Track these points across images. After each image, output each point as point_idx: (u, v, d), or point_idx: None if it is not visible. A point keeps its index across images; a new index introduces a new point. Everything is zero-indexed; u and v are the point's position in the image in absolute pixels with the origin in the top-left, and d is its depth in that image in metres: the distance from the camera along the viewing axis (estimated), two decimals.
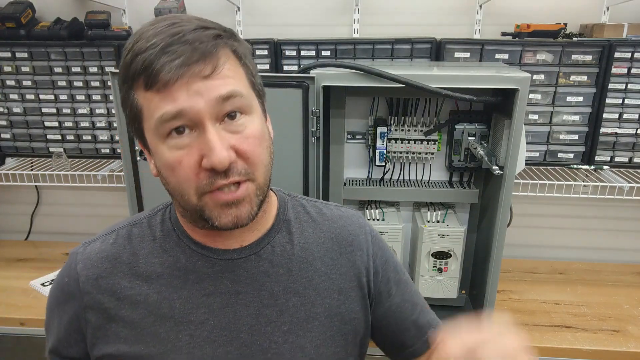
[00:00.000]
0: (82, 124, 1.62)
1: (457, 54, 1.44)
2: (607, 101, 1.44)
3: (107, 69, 1.55)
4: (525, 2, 1.56)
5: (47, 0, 1.64)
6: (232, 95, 0.57)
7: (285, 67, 1.51)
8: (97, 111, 1.61)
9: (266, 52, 1.50)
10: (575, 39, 1.44)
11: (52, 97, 1.61)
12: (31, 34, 1.56)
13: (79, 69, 1.57)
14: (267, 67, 1.51)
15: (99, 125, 1.62)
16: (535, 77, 1.43)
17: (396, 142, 1.26)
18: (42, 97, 1.61)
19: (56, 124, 1.63)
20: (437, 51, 1.47)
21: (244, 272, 0.68)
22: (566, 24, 1.49)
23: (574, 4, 1.55)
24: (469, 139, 1.22)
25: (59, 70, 1.58)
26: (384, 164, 1.27)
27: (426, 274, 1.26)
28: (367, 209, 1.31)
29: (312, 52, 1.49)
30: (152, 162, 0.64)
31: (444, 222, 1.26)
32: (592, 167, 1.50)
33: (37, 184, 1.87)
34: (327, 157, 1.28)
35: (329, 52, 1.49)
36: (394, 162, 1.31)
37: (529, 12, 1.57)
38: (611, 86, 1.42)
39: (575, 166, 1.51)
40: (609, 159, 1.50)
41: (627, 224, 1.76)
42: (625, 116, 1.46)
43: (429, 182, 1.31)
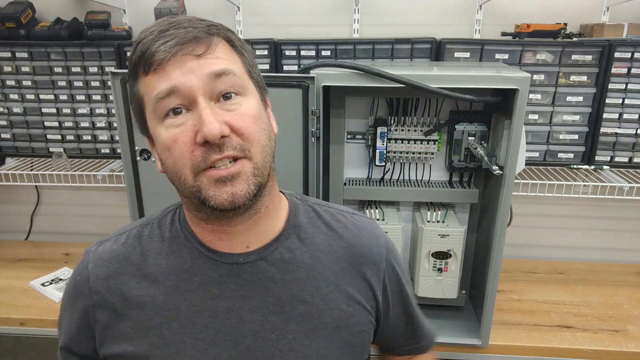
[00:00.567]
0: (82, 124, 1.62)
1: (457, 54, 1.44)
2: (607, 101, 1.44)
3: (107, 69, 1.55)
4: (525, 2, 1.56)
5: (47, 0, 1.64)
6: (224, 72, 0.58)
7: (285, 67, 1.51)
8: (97, 111, 1.61)
9: (266, 52, 1.50)
10: (575, 39, 1.44)
11: (52, 97, 1.61)
12: (31, 34, 1.56)
13: (79, 69, 1.57)
14: (267, 67, 1.51)
15: (99, 125, 1.62)
16: (535, 77, 1.43)
17: (396, 142, 1.26)
18: (42, 97, 1.61)
19: (56, 124, 1.63)
20: (437, 51, 1.47)
21: (250, 277, 0.66)
22: (566, 24, 1.49)
23: (574, 4, 1.55)
24: (469, 139, 1.22)
25: (59, 70, 1.58)
26: (384, 164, 1.27)
27: (426, 274, 1.26)
28: (367, 209, 1.31)
29: (312, 52, 1.49)
30: (157, 155, 0.65)
31: (444, 222, 1.26)
32: (592, 167, 1.50)
33: (37, 184, 1.87)
34: (327, 157, 1.28)
35: (329, 52, 1.49)
36: (394, 162, 1.31)
37: (529, 12, 1.57)
38: (611, 86, 1.42)
39: (575, 166, 1.51)
40: (609, 159, 1.50)
41: (627, 224, 1.75)
42: (625, 116, 1.46)
43: (429, 182, 1.31)
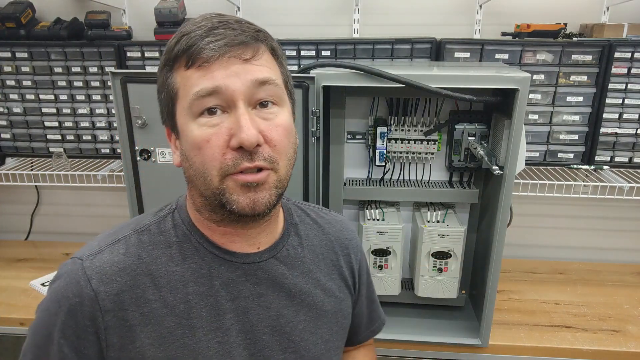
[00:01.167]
0: (82, 124, 1.62)
1: (457, 54, 1.44)
2: (607, 101, 1.44)
3: (107, 69, 1.55)
4: (525, 2, 1.56)
5: (47, 0, 1.65)
6: (267, 81, 0.59)
7: None
8: (97, 111, 1.61)
9: None
10: (575, 39, 1.44)
11: (52, 97, 1.61)
12: (31, 34, 1.56)
13: (79, 69, 1.57)
14: None
15: (99, 125, 1.62)
16: (535, 77, 1.43)
17: (396, 142, 1.26)
18: (42, 97, 1.61)
19: (56, 124, 1.63)
20: (437, 51, 1.47)
21: (265, 274, 0.69)
22: (566, 24, 1.49)
23: (574, 4, 1.55)
24: (469, 139, 1.22)
25: (59, 70, 1.58)
26: (384, 164, 1.27)
27: (426, 274, 1.26)
28: (367, 209, 1.31)
29: (312, 52, 1.49)
30: (178, 150, 0.64)
31: (444, 222, 1.26)
32: (592, 167, 1.50)
33: (37, 184, 1.87)
34: (327, 157, 1.28)
35: (329, 52, 1.49)
36: (394, 162, 1.31)
37: (529, 12, 1.57)
38: (611, 86, 1.42)
39: (575, 166, 1.51)
40: (609, 159, 1.50)
41: (627, 224, 1.76)
42: (625, 116, 1.46)
43: (429, 182, 1.31)
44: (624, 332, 1.32)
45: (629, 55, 1.40)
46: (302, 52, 1.50)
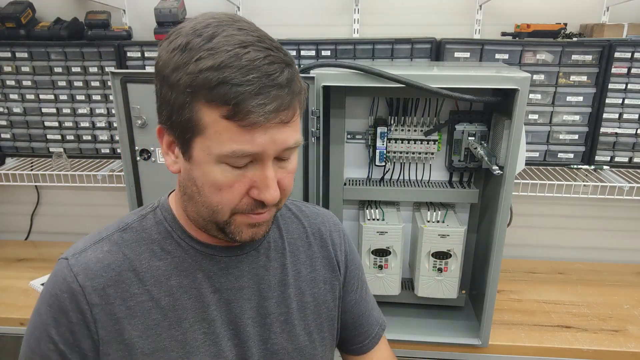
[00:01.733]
0: (82, 124, 1.62)
1: (457, 54, 1.44)
2: (607, 101, 1.44)
3: (107, 69, 1.55)
4: (525, 2, 1.56)
5: (47, 0, 1.64)
6: (296, 145, 0.61)
7: None
8: (97, 111, 1.61)
9: None
10: (575, 39, 1.44)
11: (52, 97, 1.61)
12: (31, 34, 1.56)
13: (79, 69, 1.57)
14: None
15: (99, 125, 1.62)
16: (535, 77, 1.43)
17: (396, 142, 1.26)
18: (42, 97, 1.61)
19: (56, 124, 1.63)
20: (437, 51, 1.47)
21: (247, 266, 0.71)
22: (566, 24, 1.49)
23: (574, 4, 1.55)
24: (469, 139, 1.22)
25: (59, 70, 1.58)
26: (384, 164, 1.27)
27: (426, 274, 1.26)
28: (367, 209, 1.31)
29: (312, 52, 1.49)
30: (178, 160, 0.62)
31: (444, 222, 1.26)
32: (592, 167, 1.50)
33: (37, 184, 1.87)
34: (327, 157, 1.28)
35: (329, 52, 1.49)
36: (394, 162, 1.31)
37: (529, 12, 1.57)
38: (611, 86, 1.42)
39: (575, 166, 1.51)
40: (609, 159, 1.50)
41: (627, 224, 1.75)
42: (625, 116, 1.46)
43: (429, 182, 1.31)
44: (624, 332, 1.32)
45: (629, 55, 1.40)
46: (302, 52, 1.50)
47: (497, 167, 1.07)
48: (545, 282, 1.59)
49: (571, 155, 1.49)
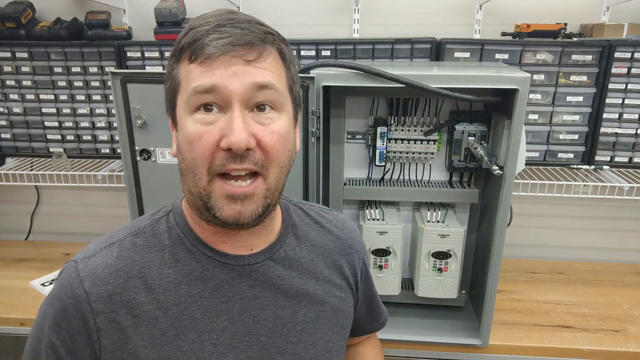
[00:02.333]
0: (82, 124, 1.62)
1: (457, 54, 1.44)
2: (607, 101, 1.44)
3: (107, 69, 1.55)
4: (525, 2, 1.56)
5: (47, 0, 1.65)
6: (267, 85, 0.58)
7: None
8: (97, 111, 1.61)
9: None
10: (575, 39, 1.44)
11: (52, 97, 1.61)
12: (31, 34, 1.56)
13: (79, 69, 1.57)
14: None
15: (99, 125, 1.62)
16: (535, 77, 1.43)
17: (396, 142, 1.26)
18: (42, 97, 1.61)
19: (56, 124, 1.63)
20: (437, 51, 1.47)
21: (261, 276, 0.68)
22: (566, 24, 1.49)
23: (574, 4, 1.55)
24: (469, 139, 1.22)
25: (59, 70, 1.58)
26: (384, 164, 1.27)
27: (426, 274, 1.26)
28: (367, 209, 1.31)
29: (312, 52, 1.49)
30: (176, 141, 0.64)
31: (444, 222, 1.26)
32: (592, 167, 1.50)
33: (37, 184, 1.87)
34: (327, 157, 1.28)
35: (329, 52, 1.49)
36: (394, 162, 1.31)
37: (529, 12, 1.57)
38: (611, 86, 1.42)
39: (575, 166, 1.51)
40: (609, 159, 1.50)
41: (627, 224, 1.76)
42: (625, 116, 1.46)
43: (429, 182, 1.31)
44: (624, 332, 1.32)
45: (629, 55, 1.40)
46: (302, 52, 1.50)
47: (497, 167, 1.07)
48: (545, 282, 1.59)
49: (571, 155, 1.49)
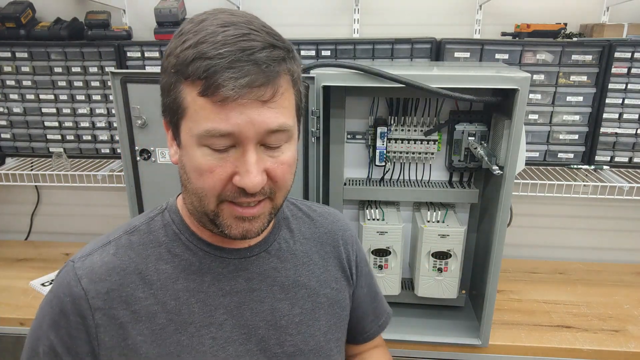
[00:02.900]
0: (82, 124, 1.62)
1: (457, 54, 1.44)
2: (607, 101, 1.44)
3: (107, 69, 1.55)
4: (525, 2, 1.56)
5: (47, 0, 1.65)
6: (280, 129, 0.57)
7: None
8: (97, 111, 1.61)
9: None
10: (575, 39, 1.44)
11: (52, 97, 1.61)
12: (31, 34, 1.56)
13: (79, 69, 1.57)
14: None
15: (99, 125, 1.62)
16: (535, 77, 1.43)
17: (396, 142, 1.26)
18: (42, 97, 1.61)
19: (56, 124, 1.63)
20: (437, 51, 1.47)
21: (257, 269, 0.70)
22: (566, 24, 1.49)
23: (574, 4, 1.55)
24: (469, 139, 1.22)
25: (59, 70, 1.58)
26: (384, 164, 1.27)
27: (426, 274, 1.26)
28: (367, 209, 1.31)
29: (312, 52, 1.49)
30: (175, 148, 0.63)
31: (444, 222, 1.26)
32: (592, 167, 1.50)
33: (37, 184, 1.87)
34: (327, 157, 1.28)
35: (329, 52, 1.49)
36: (394, 162, 1.31)
37: (529, 12, 1.57)
38: (611, 86, 1.42)
39: (575, 166, 1.51)
40: (609, 159, 1.50)
41: (627, 224, 1.76)
42: (625, 116, 1.46)
43: (429, 182, 1.31)
44: (624, 332, 1.32)
45: (629, 55, 1.40)
46: (302, 52, 1.50)
47: (497, 167, 1.07)
48: (545, 282, 1.59)
49: (571, 155, 1.49)
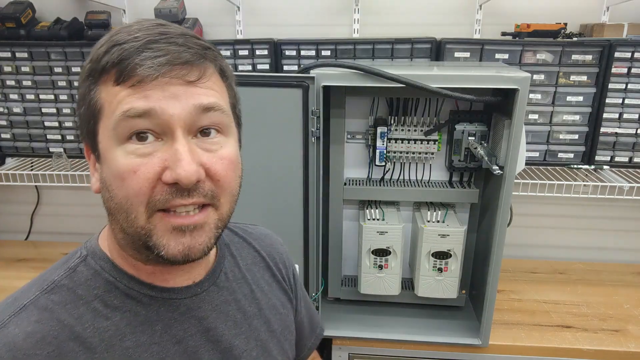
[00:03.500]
0: None
1: (457, 54, 1.44)
2: (607, 101, 1.43)
3: None
4: (525, 2, 1.56)
5: (47, 0, 1.65)
6: (213, 107, 0.51)
7: (285, 67, 1.51)
8: None
9: (266, 52, 1.50)
10: (575, 39, 1.44)
11: (52, 97, 1.61)
12: (31, 34, 1.56)
13: (79, 69, 1.57)
14: (267, 67, 1.50)
15: None
16: (535, 77, 1.43)
17: (396, 142, 1.26)
18: (42, 97, 1.61)
19: (56, 124, 1.63)
20: (437, 51, 1.47)
21: (209, 305, 0.62)
22: (566, 24, 1.49)
23: (574, 4, 1.55)
24: (469, 138, 1.22)
25: (59, 70, 1.58)
26: (384, 164, 1.27)
27: (426, 274, 1.26)
28: (367, 209, 1.31)
29: (312, 52, 1.49)
30: (96, 174, 0.54)
31: (444, 222, 1.26)
32: (592, 167, 1.50)
33: (37, 184, 1.87)
34: (327, 157, 1.28)
35: (329, 52, 1.49)
36: (394, 162, 1.31)
37: (529, 12, 1.57)
38: (611, 86, 1.42)
39: (575, 166, 1.51)
40: (609, 158, 1.50)
41: (627, 224, 1.75)
42: (625, 116, 1.46)
43: (429, 182, 1.31)
44: (624, 332, 1.32)
45: (629, 55, 1.40)
46: (302, 52, 1.49)
47: (497, 167, 1.07)
48: (545, 282, 1.59)
49: (571, 155, 1.49)
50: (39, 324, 0.52)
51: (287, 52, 1.50)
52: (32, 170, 1.66)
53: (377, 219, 1.28)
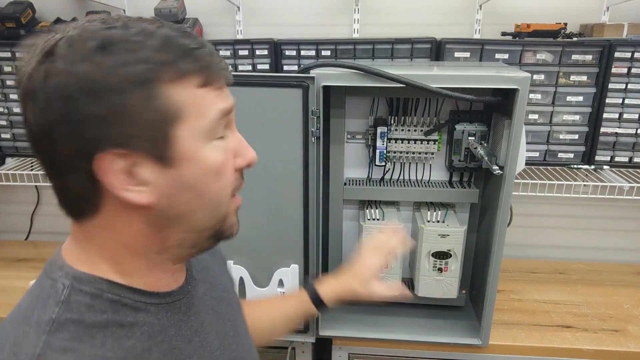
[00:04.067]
0: None
1: (457, 54, 1.44)
2: (607, 101, 1.43)
3: None
4: (525, 2, 1.57)
5: (47, 0, 1.65)
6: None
7: (285, 67, 1.51)
8: None
9: (266, 52, 1.50)
10: (575, 39, 1.44)
11: None
12: (31, 34, 1.56)
13: None
14: (267, 67, 1.51)
15: None
16: (535, 77, 1.43)
17: (396, 142, 1.26)
18: None
19: None
20: (437, 51, 1.47)
21: (197, 300, 0.64)
22: (566, 24, 1.49)
23: (574, 4, 1.55)
24: (469, 138, 1.22)
25: None
26: (384, 164, 1.27)
27: (426, 274, 1.26)
28: (367, 209, 1.31)
29: (312, 52, 1.49)
30: (149, 186, 0.50)
31: (444, 222, 1.26)
32: (592, 167, 1.50)
33: (37, 184, 1.87)
34: (327, 157, 1.28)
35: (329, 52, 1.49)
36: (394, 162, 1.31)
37: (529, 12, 1.57)
38: (611, 86, 1.42)
39: (575, 166, 1.51)
40: (609, 158, 1.50)
41: (627, 224, 1.76)
42: (625, 116, 1.46)
43: (429, 182, 1.31)
44: (624, 332, 1.32)
45: (629, 55, 1.40)
46: (302, 52, 1.49)
47: (497, 167, 1.07)
48: (545, 282, 1.59)
49: (571, 155, 1.49)
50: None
51: (287, 52, 1.50)
52: (32, 170, 1.66)
53: (377, 219, 1.27)
